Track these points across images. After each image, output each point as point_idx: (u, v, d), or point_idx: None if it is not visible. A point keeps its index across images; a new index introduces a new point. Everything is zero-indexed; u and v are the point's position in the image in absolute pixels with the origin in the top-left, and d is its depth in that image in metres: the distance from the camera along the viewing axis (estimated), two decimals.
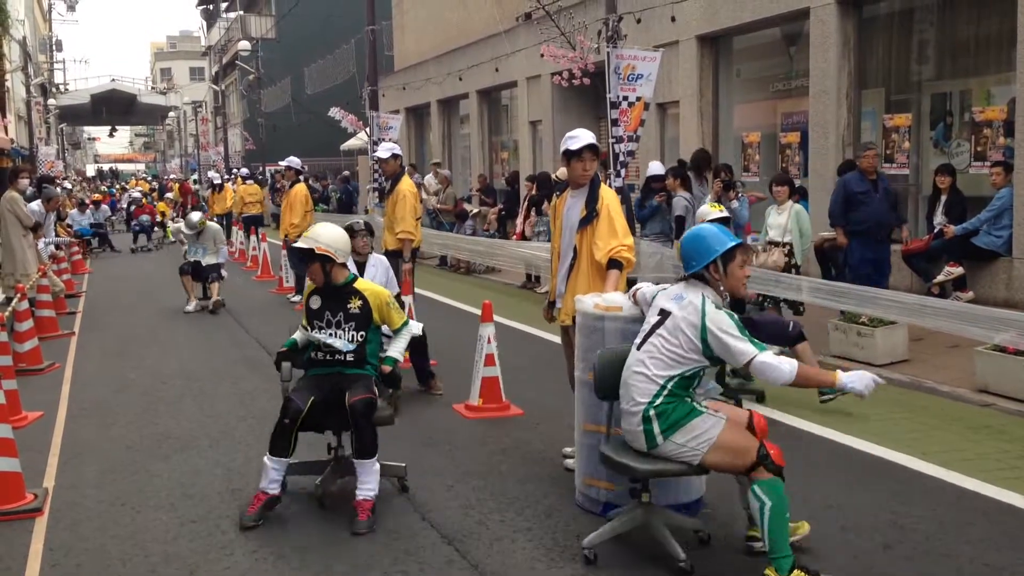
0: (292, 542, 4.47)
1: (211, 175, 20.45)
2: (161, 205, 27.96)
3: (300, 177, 13.08)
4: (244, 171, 24.07)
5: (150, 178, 53.13)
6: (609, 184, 9.20)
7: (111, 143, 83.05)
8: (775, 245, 8.92)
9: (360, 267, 7.02)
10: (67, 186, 26.70)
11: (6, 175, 16.92)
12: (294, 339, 5.16)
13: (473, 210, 18.07)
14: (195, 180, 38.38)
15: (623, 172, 10.40)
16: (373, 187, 18.37)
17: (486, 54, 19.91)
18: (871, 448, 5.72)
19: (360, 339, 4.98)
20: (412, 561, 4.22)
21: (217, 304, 12.07)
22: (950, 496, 4.91)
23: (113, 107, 58.47)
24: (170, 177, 30.66)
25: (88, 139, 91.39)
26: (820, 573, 3.81)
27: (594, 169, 5.39)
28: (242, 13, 43.43)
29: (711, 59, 13.99)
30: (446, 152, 23.94)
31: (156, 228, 23.86)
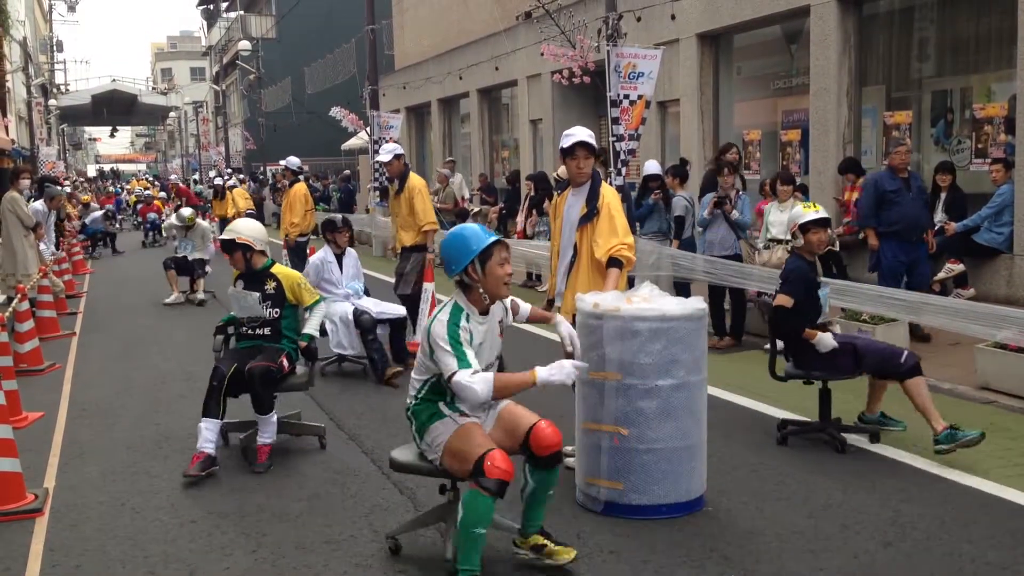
0: (292, 542, 4.46)
1: (217, 181, 20.27)
2: (158, 203, 28.02)
3: (299, 177, 13.07)
4: (232, 181, 22.47)
5: (151, 178, 53.06)
6: (610, 182, 9.17)
7: (112, 143, 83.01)
8: (777, 243, 8.91)
9: (339, 259, 8.15)
10: (67, 189, 26.70)
11: (7, 175, 16.95)
12: (232, 315, 6.01)
13: (474, 209, 18.04)
14: (195, 180, 38.32)
15: (624, 170, 10.38)
16: (374, 186, 18.34)
17: (486, 53, 19.89)
18: (871, 446, 5.72)
19: (275, 315, 5.80)
20: (412, 561, 4.23)
21: (202, 301, 12.67)
22: (951, 494, 4.89)
23: (114, 107, 58.40)
24: (171, 179, 30.64)
25: (89, 139, 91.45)
26: None
27: (589, 166, 5.36)
28: (242, 13, 43.44)
29: (711, 57, 13.98)
30: (447, 151, 23.93)
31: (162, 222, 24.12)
